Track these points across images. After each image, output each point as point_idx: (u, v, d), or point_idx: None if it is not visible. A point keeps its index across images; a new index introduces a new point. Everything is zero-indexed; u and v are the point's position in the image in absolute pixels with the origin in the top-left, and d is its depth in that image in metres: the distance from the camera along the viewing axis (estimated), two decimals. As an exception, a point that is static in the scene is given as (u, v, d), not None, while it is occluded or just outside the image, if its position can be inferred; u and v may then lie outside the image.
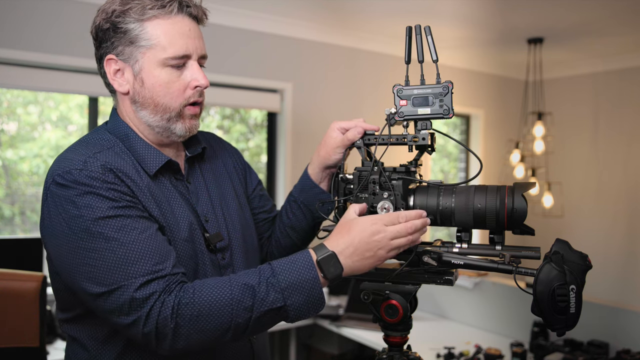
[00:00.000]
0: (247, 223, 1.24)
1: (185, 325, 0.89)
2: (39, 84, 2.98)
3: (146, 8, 1.01)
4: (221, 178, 1.22)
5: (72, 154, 1.00)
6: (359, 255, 0.95)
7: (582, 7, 3.49)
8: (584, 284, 0.86)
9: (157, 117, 1.05)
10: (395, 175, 1.03)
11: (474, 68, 5.15)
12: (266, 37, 3.80)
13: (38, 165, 3.31)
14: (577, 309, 0.84)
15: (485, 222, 0.96)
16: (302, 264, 0.94)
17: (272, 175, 4.00)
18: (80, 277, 0.94)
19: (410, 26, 1.03)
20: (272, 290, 0.92)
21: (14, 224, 3.30)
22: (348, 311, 3.25)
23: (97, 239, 0.92)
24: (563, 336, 0.98)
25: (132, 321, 0.90)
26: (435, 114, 1.01)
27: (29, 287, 1.42)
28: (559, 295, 0.84)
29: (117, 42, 1.03)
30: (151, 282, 0.91)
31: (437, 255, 0.98)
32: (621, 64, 4.89)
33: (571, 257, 0.86)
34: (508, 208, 0.94)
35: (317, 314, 0.97)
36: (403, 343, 1.06)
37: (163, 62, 1.02)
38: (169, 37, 1.02)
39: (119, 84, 1.06)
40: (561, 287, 0.84)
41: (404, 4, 3.48)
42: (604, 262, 4.89)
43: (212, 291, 0.91)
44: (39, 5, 2.94)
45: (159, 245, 0.95)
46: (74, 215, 0.93)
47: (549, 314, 0.85)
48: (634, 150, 4.86)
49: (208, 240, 1.09)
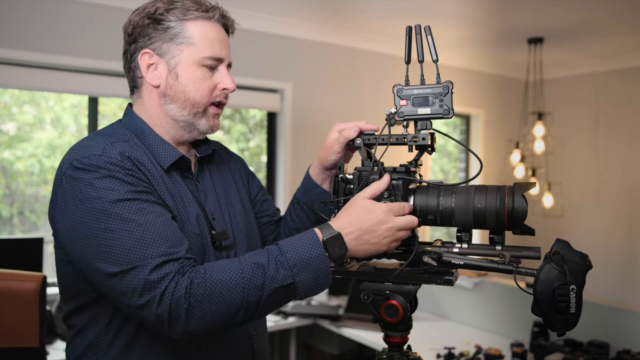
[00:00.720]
0: (251, 226, 1.26)
1: (198, 305, 0.90)
2: (38, 84, 2.98)
3: (190, 9, 1.09)
4: (227, 181, 1.25)
5: (90, 142, 1.02)
6: (365, 240, 0.98)
7: (582, 7, 3.49)
8: (585, 284, 0.86)
9: (184, 112, 1.10)
10: (395, 175, 1.03)
11: (474, 68, 5.15)
12: (266, 37, 3.80)
13: (33, 165, 3.31)
14: (577, 309, 0.84)
15: (485, 222, 0.96)
16: (309, 242, 0.96)
17: (272, 175, 4.00)
18: (94, 257, 0.94)
19: (410, 26, 1.03)
20: (282, 268, 0.93)
21: (12, 224, 3.30)
22: (348, 311, 3.25)
23: (114, 220, 0.93)
24: (563, 336, 0.97)
25: (146, 302, 0.90)
26: (435, 113, 1.01)
27: (28, 287, 1.41)
28: (560, 296, 0.84)
29: (156, 38, 1.08)
30: (166, 263, 0.91)
31: (437, 255, 0.98)
32: (621, 64, 4.89)
33: (571, 257, 0.85)
34: (508, 208, 0.93)
35: (324, 290, 0.99)
36: (403, 343, 1.05)
37: (199, 61, 1.09)
38: (208, 39, 1.09)
39: (152, 76, 1.10)
40: (561, 287, 0.84)
41: (404, 4, 3.48)
42: (604, 262, 4.89)
43: (223, 271, 0.92)
44: (39, 5, 2.94)
45: (174, 231, 0.97)
46: (91, 196, 0.94)
47: (549, 314, 0.85)
48: (634, 150, 4.86)
49: (214, 237, 1.11)
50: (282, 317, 3.24)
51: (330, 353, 3.69)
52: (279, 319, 3.20)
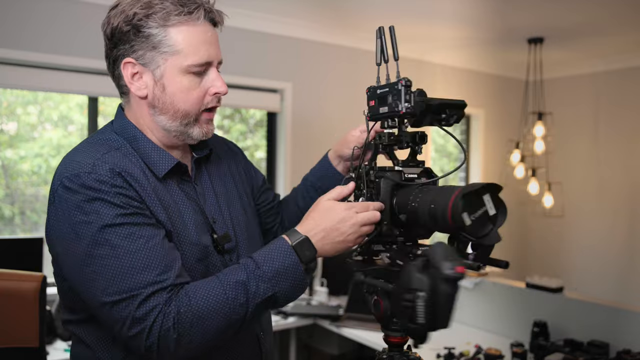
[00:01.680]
0: (251, 223, 1.25)
1: (186, 333, 0.91)
2: (38, 84, 2.98)
3: (172, 14, 1.00)
4: (226, 180, 1.23)
5: (80, 156, 1.00)
6: (331, 239, 1.00)
7: (582, 7, 3.49)
8: (449, 296, 0.76)
9: (176, 123, 1.06)
10: (380, 173, 1.04)
11: (474, 68, 5.15)
12: (266, 37, 3.80)
13: (39, 164, 3.31)
14: (426, 320, 0.76)
15: (438, 223, 0.90)
16: (281, 251, 0.98)
17: (272, 175, 4.00)
18: (85, 284, 0.94)
19: (380, 27, 1.05)
20: (261, 282, 0.95)
21: (13, 224, 3.30)
22: (348, 311, 3.25)
23: (103, 246, 0.92)
24: (418, 348, 0.89)
25: (135, 334, 0.90)
26: (390, 111, 1.00)
27: (29, 287, 1.41)
28: (405, 300, 0.79)
29: (138, 46, 1.01)
30: (155, 294, 0.91)
31: (390, 255, 1.00)
32: (621, 64, 4.88)
33: (438, 263, 0.77)
34: (452, 208, 0.85)
35: (301, 294, 1.01)
36: (403, 343, 1.05)
37: (186, 69, 1.02)
38: (193, 44, 1.02)
39: (137, 87, 1.05)
40: (409, 292, 0.78)
41: (404, 4, 3.48)
42: (604, 262, 4.88)
43: (206, 294, 0.93)
44: (39, 5, 2.94)
45: (165, 254, 0.96)
46: (81, 221, 0.93)
47: (398, 316, 0.80)
48: (635, 150, 4.85)
49: (217, 241, 1.10)
50: (282, 317, 3.24)
51: (330, 353, 3.69)
52: (279, 319, 3.19)
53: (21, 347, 1.41)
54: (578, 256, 5.18)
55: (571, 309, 2.70)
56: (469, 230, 0.85)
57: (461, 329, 3.07)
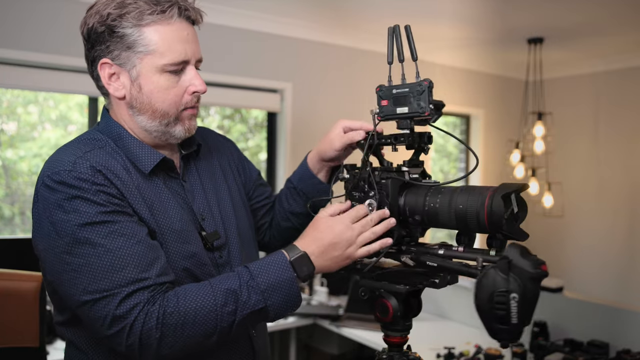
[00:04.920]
0: (243, 218, 1.23)
1: (171, 334, 0.90)
2: (38, 84, 2.98)
3: (145, 13, 0.99)
4: (216, 175, 1.22)
5: (62, 155, 0.99)
6: (328, 254, 1.00)
7: (582, 7, 3.49)
8: (535, 294, 0.79)
9: (155, 123, 1.05)
10: (385, 174, 1.03)
11: (474, 68, 5.15)
12: (266, 37, 3.80)
13: (38, 165, 3.31)
14: (520, 320, 0.78)
15: (467, 224, 0.92)
16: (278, 265, 0.97)
17: (272, 175, 4.00)
18: (66, 283, 0.94)
19: (392, 26, 1.04)
20: (253, 293, 0.94)
21: (13, 224, 3.30)
22: (348, 311, 3.25)
23: (83, 245, 0.92)
24: (506, 348, 0.91)
25: (115, 332, 0.90)
26: (412, 112, 1.00)
27: (29, 287, 1.41)
28: (497, 303, 0.79)
29: (113, 47, 1.01)
30: (135, 292, 0.90)
31: (415, 255, 0.99)
32: (621, 64, 4.88)
33: (521, 263, 0.79)
34: (488, 209, 0.88)
35: (294, 311, 1.01)
36: (403, 343, 1.05)
37: (162, 68, 1.01)
38: (168, 43, 1.01)
39: (115, 88, 1.04)
40: (500, 295, 0.79)
41: (403, 4, 3.48)
42: (604, 262, 4.88)
43: (196, 298, 0.92)
44: (39, 5, 2.94)
45: (146, 252, 0.94)
46: (61, 219, 0.92)
47: (489, 322, 0.81)
48: (635, 150, 4.85)
49: (205, 239, 1.09)
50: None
51: (330, 353, 3.69)
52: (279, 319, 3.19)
53: (21, 347, 1.41)
54: (578, 256, 5.18)
55: (571, 308, 2.70)
56: (507, 229, 0.88)
57: (461, 329, 3.08)
